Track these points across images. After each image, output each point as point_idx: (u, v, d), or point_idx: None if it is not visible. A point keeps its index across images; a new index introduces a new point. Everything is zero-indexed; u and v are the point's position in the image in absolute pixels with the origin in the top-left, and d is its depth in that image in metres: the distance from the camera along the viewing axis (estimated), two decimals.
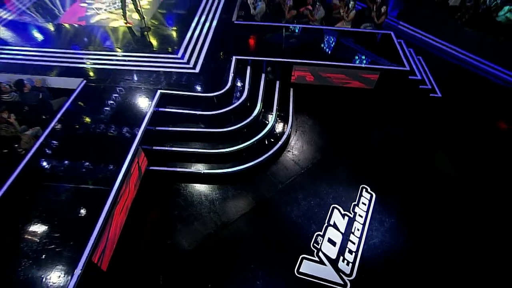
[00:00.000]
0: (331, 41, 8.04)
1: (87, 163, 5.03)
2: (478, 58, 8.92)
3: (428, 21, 9.77)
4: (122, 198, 4.96)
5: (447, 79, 8.28)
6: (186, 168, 6.00)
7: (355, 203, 5.72)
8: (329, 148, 6.67)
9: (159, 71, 6.86)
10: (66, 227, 4.28)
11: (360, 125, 7.15)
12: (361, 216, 5.56)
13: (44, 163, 5.09)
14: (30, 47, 7.62)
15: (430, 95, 7.88)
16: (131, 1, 8.06)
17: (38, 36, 8.15)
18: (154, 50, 7.55)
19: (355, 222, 5.48)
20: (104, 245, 4.43)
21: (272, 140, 6.50)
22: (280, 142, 6.42)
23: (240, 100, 6.41)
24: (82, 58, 7.24)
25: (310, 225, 5.39)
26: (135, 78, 6.66)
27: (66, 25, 8.69)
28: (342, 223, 5.45)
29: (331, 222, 5.45)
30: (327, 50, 7.79)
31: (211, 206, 5.62)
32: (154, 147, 5.97)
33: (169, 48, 7.55)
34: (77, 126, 5.67)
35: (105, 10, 9.41)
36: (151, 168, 5.94)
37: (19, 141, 5.69)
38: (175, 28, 8.38)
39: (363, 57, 7.56)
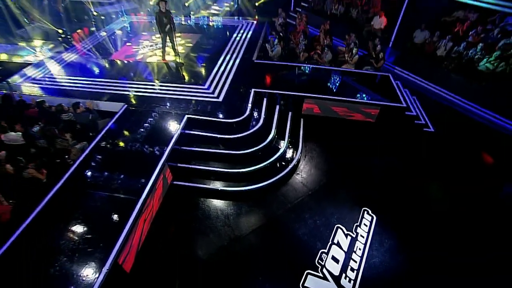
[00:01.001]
0: (337, 80, 8.09)
1: (121, 175, 5.04)
2: (464, 100, 8.85)
3: (420, 67, 9.79)
4: (148, 207, 4.89)
5: (438, 116, 8.17)
6: (206, 184, 5.92)
7: (357, 224, 5.43)
8: (335, 173, 6.48)
9: (187, 99, 7.02)
10: (98, 231, 4.25)
11: (362, 153, 6.97)
12: (363, 237, 5.25)
13: (86, 173, 5.17)
14: (87, 77, 8.08)
15: (424, 129, 7.70)
16: (170, 42, 8.42)
17: (95, 69, 8.65)
18: (185, 81, 7.80)
19: (357, 242, 5.17)
20: (129, 249, 4.31)
21: (283, 163, 6.38)
22: (290, 166, 6.30)
23: (256, 127, 6.39)
24: (125, 87, 7.53)
25: (316, 242, 5.11)
26: (167, 105, 6.82)
27: (117, 61, 9.17)
28: (345, 242, 5.15)
29: (335, 241, 5.15)
30: (334, 87, 7.82)
31: (226, 220, 5.45)
32: (179, 164, 5.95)
33: (200, 81, 7.76)
34: (116, 143, 5.76)
35: (149, 49, 9.90)
36: (175, 182, 5.89)
37: (69, 153, 5.83)
38: (204, 64, 8.67)
39: (365, 94, 7.52)
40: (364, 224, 5.45)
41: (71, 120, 6.63)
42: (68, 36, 11.02)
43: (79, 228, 4.28)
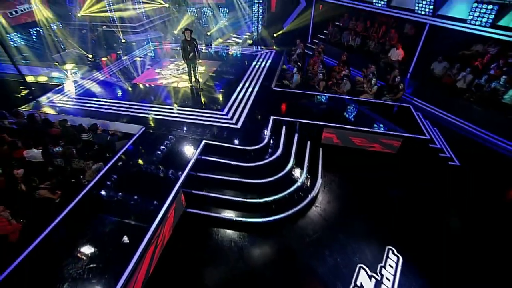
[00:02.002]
0: (356, 109, 7.83)
1: (134, 199, 4.81)
2: (488, 132, 8.29)
3: (440, 98, 9.42)
4: (160, 235, 4.56)
5: (461, 149, 7.63)
6: (220, 213, 5.58)
7: (382, 264, 4.87)
8: (356, 206, 6.01)
9: (206, 124, 6.90)
10: (105, 259, 3.96)
11: (384, 186, 6.48)
12: (389, 280, 4.67)
13: (99, 195, 4.99)
14: (110, 99, 8.21)
15: (449, 163, 7.16)
16: (193, 69, 8.53)
17: (118, 92, 8.84)
18: (204, 107, 7.74)
19: (383, 286, 4.58)
20: (136, 278, 3.96)
21: (301, 194, 5.98)
22: (309, 197, 5.88)
23: (275, 156, 6.11)
24: (145, 110, 7.55)
25: (336, 283, 4.59)
26: (185, 129, 6.71)
27: (139, 84, 9.35)
28: (369, 285, 4.58)
29: (358, 283, 4.60)
30: (353, 117, 7.54)
31: (239, 253, 5.03)
32: (194, 191, 5.67)
33: (219, 106, 7.68)
34: (132, 165, 5.60)
35: (170, 74, 10.09)
36: (188, 210, 5.58)
37: (84, 173, 5.70)
38: (223, 91, 8.68)
39: (385, 125, 7.18)
40: (390, 265, 4.88)
41: (90, 141, 6.62)
42: (97, 61, 11.50)
43: (85, 255, 4.01)
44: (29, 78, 10.51)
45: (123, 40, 13.67)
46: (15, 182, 5.06)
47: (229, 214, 5.55)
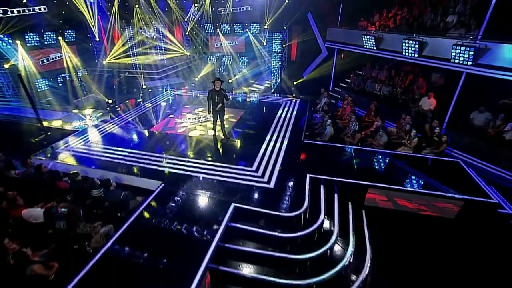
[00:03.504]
0: (399, 165, 6.88)
1: (147, 277, 3.75)
2: None
3: (486, 151, 8.40)
4: None
5: None
6: None
7: None
8: None
9: (234, 182, 5.99)
10: None
11: (446, 260, 5.16)
12: None
13: (104, 272, 3.99)
14: (127, 148, 7.56)
15: None
16: (219, 121, 7.90)
17: (135, 140, 8.25)
18: (231, 161, 6.85)
19: None
20: None
21: (347, 273, 4.74)
22: (357, 283, 4.57)
23: (317, 224, 5.04)
24: (164, 162, 6.78)
25: None
26: (211, 188, 5.81)
27: (158, 133, 8.80)
28: None
29: None
30: (396, 174, 6.58)
31: None
32: (221, 267, 4.54)
33: (247, 161, 6.81)
34: (147, 231, 4.64)
35: (191, 123, 9.58)
36: None
37: (90, 239, 4.76)
38: (249, 143, 7.91)
39: (436, 184, 6.15)
40: None
41: (100, 197, 5.78)
42: (116, 106, 11.29)
43: None
44: (47, 123, 10.24)
45: (144, 86, 13.72)
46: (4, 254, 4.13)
47: None
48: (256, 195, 5.59)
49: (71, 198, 5.76)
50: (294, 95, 13.35)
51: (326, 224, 5.33)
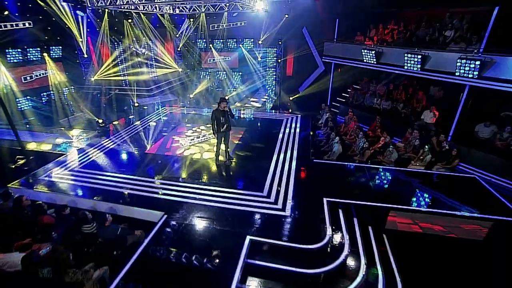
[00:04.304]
0: (417, 184, 6.49)
1: None
2: None
3: (496, 164, 8.18)
4: None
5: None
6: None
7: None
8: None
9: (245, 210, 5.36)
10: None
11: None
12: None
13: None
14: (119, 173, 6.85)
15: None
16: (225, 142, 7.29)
17: (128, 164, 7.55)
18: (239, 187, 6.26)
19: None
20: None
21: None
22: None
23: (342, 257, 4.47)
24: (164, 189, 6.12)
25: None
26: (221, 217, 5.19)
27: (154, 155, 8.09)
28: None
29: None
30: (417, 194, 6.18)
31: None
32: None
33: (257, 186, 6.20)
34: (150, 276, 3.94)
35: (189, 143, 8.92)
36: None
37: (82, 287, 3.99)
38: (255, 164, 7.33)
39: (457, 204, 5.78)
40: None
41: (93, 233, 5.02)
42: (107, 126, 10.56)
43: None
44: (29, 146, 9.33)
45: (136, 104, 13.06)
46: None
47: None
48: (273, 225, 4.98)
49: (57, 235, 4.98)
50: (290, 110, 13.05)
51: (351, 255, 4.77)
